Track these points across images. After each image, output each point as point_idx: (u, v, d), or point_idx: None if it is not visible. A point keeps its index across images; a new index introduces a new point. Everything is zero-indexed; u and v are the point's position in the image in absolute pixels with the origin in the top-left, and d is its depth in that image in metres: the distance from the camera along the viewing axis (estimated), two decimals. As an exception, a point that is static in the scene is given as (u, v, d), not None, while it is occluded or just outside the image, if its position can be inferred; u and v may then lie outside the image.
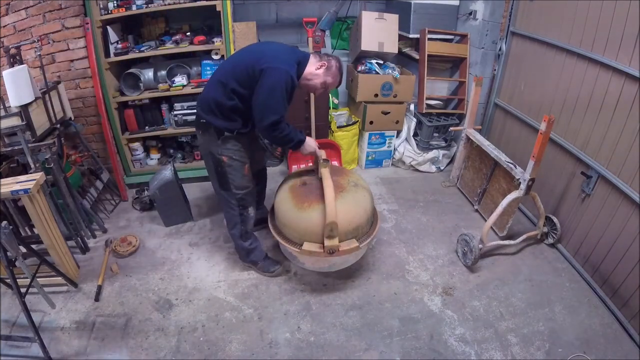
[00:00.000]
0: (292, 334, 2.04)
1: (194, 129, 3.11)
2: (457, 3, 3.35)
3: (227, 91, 1.93)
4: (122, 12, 2.70)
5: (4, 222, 1.69)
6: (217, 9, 2.73)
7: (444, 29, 3.37)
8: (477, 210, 3.02)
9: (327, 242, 1.98)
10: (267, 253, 2.45)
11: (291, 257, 2.30)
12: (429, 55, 3.26)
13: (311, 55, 2.07)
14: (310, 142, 2.14)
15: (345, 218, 2.02)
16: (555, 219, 2.56)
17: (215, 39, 2.91)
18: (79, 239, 2.53)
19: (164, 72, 2.96)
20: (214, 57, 2.97)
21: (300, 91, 3.11)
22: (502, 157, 2.58)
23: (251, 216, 2.27)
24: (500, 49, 3.09)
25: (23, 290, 1.82)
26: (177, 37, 2.92)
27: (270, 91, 1.86)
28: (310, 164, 3.33)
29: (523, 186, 2.35)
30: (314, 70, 2.02)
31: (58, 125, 2.55)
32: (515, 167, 2.46)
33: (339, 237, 1.99)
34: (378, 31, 3.19)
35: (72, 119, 2.73)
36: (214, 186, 2.31)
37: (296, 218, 2.08)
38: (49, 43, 2.67)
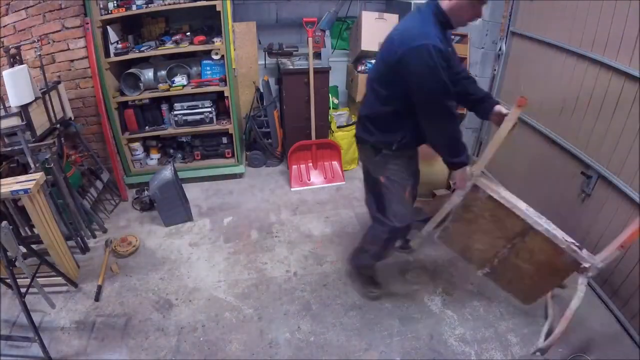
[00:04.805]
0: (292, 334, 2.04)
1: (193, 129, 3.16)
2: (457, 3, 3.34)
3: (380, 97, 1.66)
4: (122, 12, 2.70)
5: (4, 222, 1.69)
6: (217, 9, 2.73)
7: (444, 29, 3.36)
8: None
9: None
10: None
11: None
12: (429, 55, 3.25)
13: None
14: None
15: None
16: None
17: (215, 39, 2.91)
18: (79, 239, 2.53)
19: (164, 72, 2.96)
20: (214, 57, 2.97)
21: (301, 91, 3.18)
22: (559, 235, 1.73)
23: (395, 245, 2.12)
24: (500, 49, 3.09)
25: (23, 290, 1.82)
26: (177, 37, 2.92)
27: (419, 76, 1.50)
28: (310, 163, 3.33)
29: (593, 273, 1.71)
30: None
31: (58, 125, 2.55)
32: (580, 249, 1.71)
33: None
34: (378, 31, 3.18)
35: (72, 119, 2.73)
36: (368, 205, 2.12)
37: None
38: (49, 43, 2.67)
